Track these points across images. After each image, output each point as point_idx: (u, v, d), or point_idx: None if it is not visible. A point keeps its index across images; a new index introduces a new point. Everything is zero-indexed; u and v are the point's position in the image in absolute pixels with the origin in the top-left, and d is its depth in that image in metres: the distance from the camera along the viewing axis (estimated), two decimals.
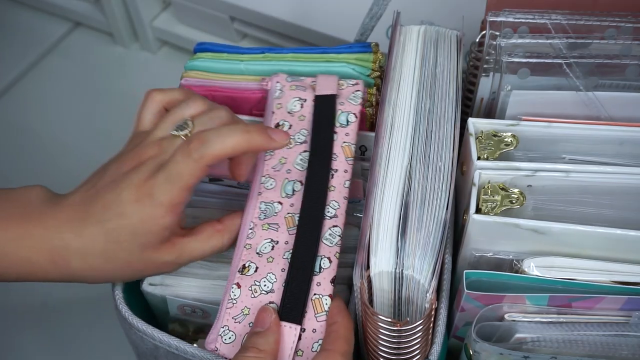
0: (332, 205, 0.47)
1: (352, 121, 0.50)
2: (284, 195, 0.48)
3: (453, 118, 0.48)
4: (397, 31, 0.53)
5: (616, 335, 0.46)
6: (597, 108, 0.50)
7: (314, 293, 0.44)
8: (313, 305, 0.44)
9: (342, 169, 0.48)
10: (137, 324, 0.47)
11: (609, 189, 0.47)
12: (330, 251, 0.45)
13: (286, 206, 0.47)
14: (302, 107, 0.52)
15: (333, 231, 0.46)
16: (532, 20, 0.53)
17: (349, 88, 0.53)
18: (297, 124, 0.51)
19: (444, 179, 0.45)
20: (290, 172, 0.49)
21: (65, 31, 1.05)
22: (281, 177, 0.49)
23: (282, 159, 0.49)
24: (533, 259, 0.46)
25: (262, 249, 0.46)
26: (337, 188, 0.48)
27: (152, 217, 0.43)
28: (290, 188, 0.48)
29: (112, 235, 0.43)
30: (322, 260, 0.45)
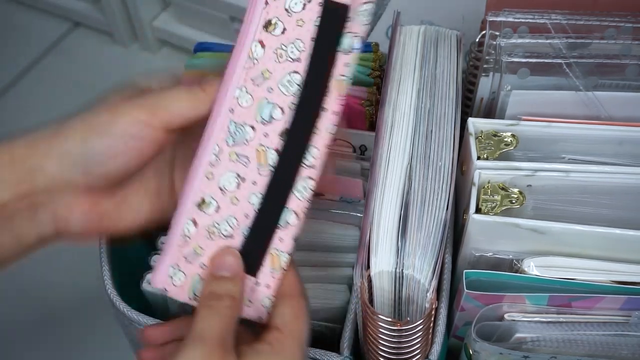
0: (312, 153, 0.41)
1: (355, 48, 0.41)
2: (259, 119, 0.40)
3: (453, 118, 0.48)
4: (397, 31, 0.53)
5: (616, 335, 0.46)
6: (597, 108, 0.50)
7: (274, 248, 0.41)
8: (271, 260, 0.41)
9: (331, 109, 0.41)
10: (137, 317, 0.48)
11: (609, 188, 0.47)
12: (299, 205, 0.41)
13: (259, 134, 0.41)
14: (304, 9, 0.40)
15: (306, 183, 0.41)
16: (532, 20, 0.53)
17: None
18: (293, 29, 0.40)
19: (444, 179, 0.45)
20: (272, 91, 0.40)
21: (65, 31, 1.05)
22: (259, 95, 0.40)
23: (265, 72, 0.40)
24: (533, 259, 0.46)
25: (225, 184, 0.41)
26: (321, 132, 0.41)
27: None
28: (267, 112, 0.40)
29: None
30: (288, 214, 0.41)
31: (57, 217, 0.42)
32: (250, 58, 0.40)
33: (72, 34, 1.05)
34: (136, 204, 0.44)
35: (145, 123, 0.41)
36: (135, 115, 0.40)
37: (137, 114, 0.40)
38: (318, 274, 0.52)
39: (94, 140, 0.41)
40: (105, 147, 0.41)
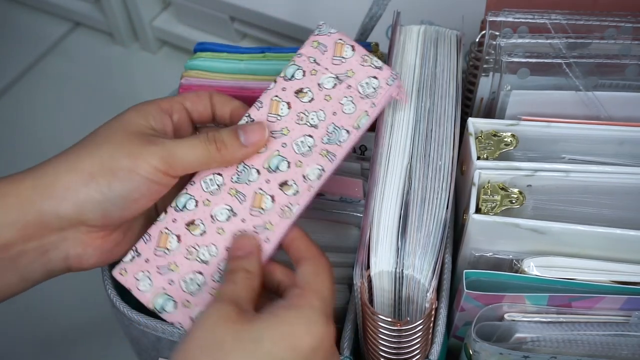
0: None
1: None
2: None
3: (453, 118, 0.48)
4: (397, 31, 0.53)
5: (616, 335, 0.46)
6: (597, 108, 0.50)
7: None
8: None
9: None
10: (137, 317, 0.48)
11: (609, 188, 0.47)
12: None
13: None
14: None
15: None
16: (532, 20, 0.53)
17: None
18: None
19: (444, 179, 0.45)
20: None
21: (65, 31, 1.05)
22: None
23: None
24: (533, 259, 0.46)
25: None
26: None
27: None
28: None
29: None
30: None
31: (70, 255, 0.44)
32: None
33: (72, 34, 1.05)
34: (137, 227, 0.47)
35: (163, 172, 0.43)
36: (155, 165, 0.42)
37: (156, 163, 0.43)
38: None
39: (118, 187, 0.42)
40: (127, 192, 0.42)
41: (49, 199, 0.42)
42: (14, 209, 0.41)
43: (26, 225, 0.41)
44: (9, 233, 0.41)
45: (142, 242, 0.45)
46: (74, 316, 0.75)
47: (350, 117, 0.46)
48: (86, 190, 0.42)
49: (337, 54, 0.47)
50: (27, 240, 0.42)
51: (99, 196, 0.42)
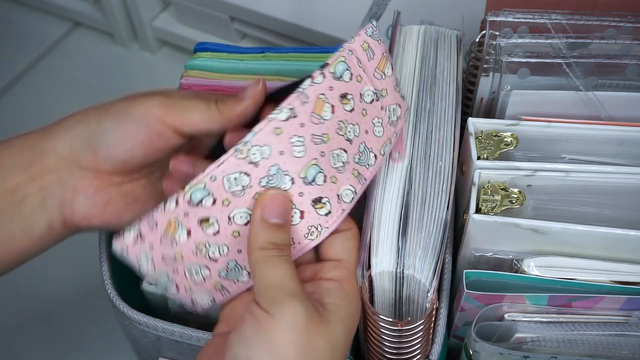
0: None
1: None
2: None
3: (453, 118, 0.48)
4: (397, 31, 0.53)
5: (616, 335, 0.46)
6: (597, 108, 0.50)
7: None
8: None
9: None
10: (138, 317, 0.48)
11: (609, 188, 0.47)
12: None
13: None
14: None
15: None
16: (532, 20, 0.53)
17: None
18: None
19: (444, 179, 0.45)
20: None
21: (65, 31, 1.05)
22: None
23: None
24: (533, 259, 0.46)
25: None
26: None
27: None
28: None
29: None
30: None
31: (63, 201, 0.43)
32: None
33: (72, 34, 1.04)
34: (142, 198, 0.45)
35: (158, 117, 0.42)
36: (151, 108, 0.42)
37: (152, 106, 0.42)
38: None
39: (107, 123, 0.42)
40: (116, 129, 0.42)
41: (49, 137, 0.43)
42: (18, 153, 0.43)
43: (29, 165, 0.43)
44: (15, 175, 0.42)
45: (146, 225, 0.41)
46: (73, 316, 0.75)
47: (378, 141, 0.42)
48: (78, 128, 0.43)
49: (380, 67, 0.43)
50: (30, 182, 0.43)
51: (88, 131, 0.43)
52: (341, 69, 0.41)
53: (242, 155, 0.38)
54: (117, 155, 0.43)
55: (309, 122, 0.39)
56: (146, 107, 0.42)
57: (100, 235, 0.52)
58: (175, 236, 0.40)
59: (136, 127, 0.42)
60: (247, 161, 0.39)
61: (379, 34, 0.43)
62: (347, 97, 0.41)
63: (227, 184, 0.39)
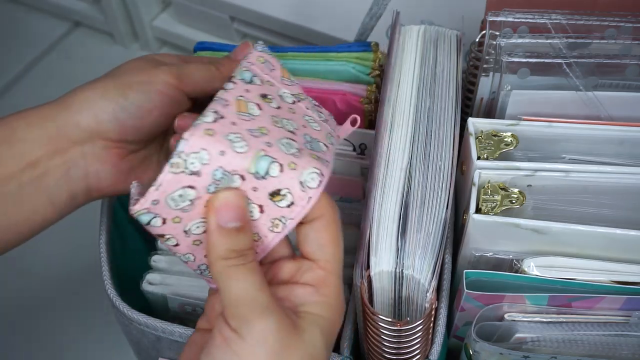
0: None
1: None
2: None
3: (453, 118, 0.48)
4: (396, 31, 0.53)
5: (616, 335, 0.46)
6: (597, 108, 0.50)
7: None
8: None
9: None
10: (137, 317, 0.48)
11: (609, 188, 0.47)
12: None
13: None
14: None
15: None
16: (532, 20, 0.53)
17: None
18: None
19: (444, 179, 0.45)
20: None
21: (65, 31, 1.05)
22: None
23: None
24: (533, 259, 0.46)
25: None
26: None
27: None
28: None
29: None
30: None
31: (89, 172, 0.45)
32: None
33: (72, 34, 1.05)
34: (155, 161, 0.48)
35: (175, 86, 0.45)
36: (167, 79, 0.44)
37: (168, 78, 0.45)
38: None
39: (134, 96, 0.44)
40: (143, 101, 0.44)
41: (68, 111, 0.43)
42: (36, 126, 0.43)
43: (50, 140, 0.43)
44: (34, 150, 0.43)
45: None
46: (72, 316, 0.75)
47: (320, 134, 0.40)
48: (103, 102, 0.44)
49: (285, 75, 0.42)
50: (52, 156, 0.43)
51: (115, 105, 0.44)
52: (248, 76, 0.40)
53: (180, 168, 0.35)
54: (145, 125, 0.45)
55: (238, 120, 0.37)
56: (163, 79, 0.44)
57: (100, 235, 0.52)
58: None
59: (160, 98, 0.44)
60: (187, 173, 0.35)
61: (266, 47, 0.44)
62: (268, 97, 0.40)
63: (173, 203, 0.36)
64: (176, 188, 0.35)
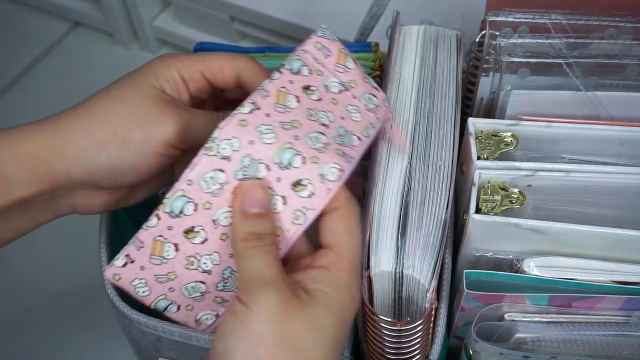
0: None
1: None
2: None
3: (453, 118, 0.48)
4: (396, 31, 0.53)
5: (616, 335, 0.46)
6: (597, 108, 0.50)
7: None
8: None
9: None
10: (137, 317, 0.47)
11: (609, 188, 0.47)
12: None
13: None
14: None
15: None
16: (532, 20, 0.53)
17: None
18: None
19: (444, 179, 0.45)
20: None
21: (65, 31, 1.05)
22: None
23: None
24: (533, 259, 0.46)
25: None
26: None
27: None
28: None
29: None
30: None
31: (76, 204, 0.45)
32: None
33: (72, 34, 1.04)
34: (146, 184, 0.47)
35: (173, 145, 0.43)
36: (167, 139, 0.42)
37: (169, 137, 0.42)
38: None
39: (128, 159, 0.42)
40: (138, 164, 0.43)
41: (61, 161, 0.42)
42: (27, 168, 0.42)
43: (39, 183, 0.42)
44: (23, 190, 0.42)
45: (133, 248, 0.40)
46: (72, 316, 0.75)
47: (358, 125, 0.42)
48: (97, 159, 0.42)
49: (340, 62, 0.44)
50: (40, 195, 0.43)
51: (109, 165, 0.42)
52: (297, 65, 0.42)
53: (212, 152, 0.39)
54: (138, 179, 0.44)
55: (274, 111, 0.40)
56: (163, 139, 0.42)
57: (100, 235, 0.52)
58: (163, 253, 0.40)
59: (156, 159, 0.43)
60: (218, 157, 0.39)
61: (330, 34, 0.44)
62: (311, 88, 0.42)
63: (205, 185, 0.39)
64: (208, 169, 0.39)
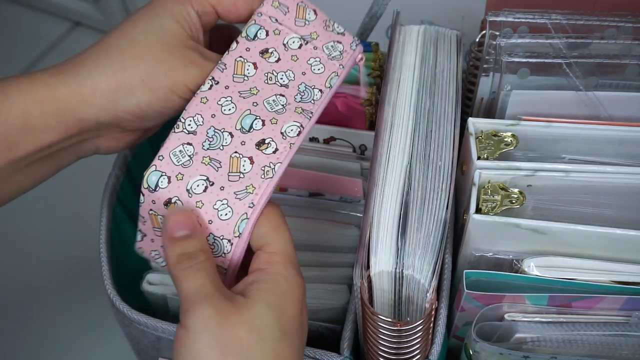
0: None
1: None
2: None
3: (453, 118, 0.48)
4: (396, 31, 0.53)
5: (616, 335, 0.46)
6: (597, 108, 0.50)
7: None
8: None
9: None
10: (137, 317, 0.48)
11: (609, 188, 0.47)
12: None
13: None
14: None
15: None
16: (532, 20, 0.53)
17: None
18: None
19: (444, 179, 0.45)
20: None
21: (65, 31, 1.05)
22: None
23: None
24: (533, 259, 0.46)
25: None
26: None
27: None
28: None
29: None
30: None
31: (100, 146, 0.47)
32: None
33: (72, 34, 1.05)
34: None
35: (195, 91, 0.44)
36: (190, 86, 0.44)
37: (191, 84, 0.44)
38: (318, 274, 0.52)
39: (156, 105, 0.44)
40: (165, 109, 0.44)
41: (89, 107, 0.43)
42: (54, 116, 0.42)
43: (67, 129, 0.43)
44: (51, 136, 0.43)
45: (140, 223, 0.43)
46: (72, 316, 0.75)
47: (321, 77, 0.45)
48: (127, 105, 0.43)
49: (299, 16, 0.46)
50: (67, 139, 0.44)
51: (138, 111, 0.44)
52: (254, 30, 0.45)
53: (179, 129, 0.42)
54: (161, 121, 0.46)
55: (232, 83, 0.44)
56: (186, 86, 0.44)
57: (100, 235, 0.52)
58: (161, 224, 0.42)
59: (179, 104, 0.44)
60: (185, 133, 0.42)
61: None
62: (269, 51, 0.45)
63: (175, 159, 0.42)
64: (177, 144, 0.42)
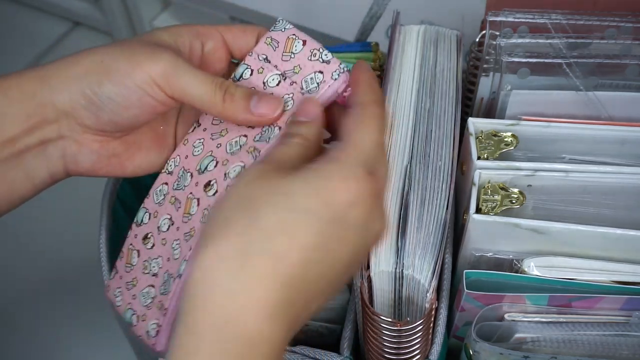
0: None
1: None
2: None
3: (453, 117, 0.48)
4: (396, 31, 0.53)
5: (616, 335, 0.46)
6: (597, 108, 0.50)
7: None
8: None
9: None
10: None
11: (609, 188, 0.47)
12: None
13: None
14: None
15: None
16: (532, 20, 0.53)
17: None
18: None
19: (444, 179, 0.45)
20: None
21: (65, 31, 1.05)
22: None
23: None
24: (533, 259, 0.46)
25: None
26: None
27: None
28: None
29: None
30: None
31: (66, 153, 0.43)
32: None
33: (72, 34, 1.05)
34: (146, 145, 0.45)
35: (160, 87, 0.41)
36: (153, 76, 0.40)
37: (154, 75, 0.40)
38: None
39: (108, 87, 0.41)
40: (119, 96, 0.41)
41: (47, 88, 0.41)
42: (17, 102, 0.41)
43: (28, 117, 0.42)
44: (14, 126, 0.41)
45: (118, 259, 0.46)
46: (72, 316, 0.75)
47: (285, 114, 0.43)
48: (79, 84, 0.41)
49: (287, 50, 0.44)
50: (30, 133, 0.42)
51: (89, 92, 0.41)
52: (241, 71, 0.45)
53: (164, 169, 0.45)
54: (120, 121, 0.42)
55: (210, 125, 0.44)
56: (148, 75, 0.40)
57: (100, 235, 0.52)
58: (132, 260, 0.45)
59: (138, 97, 0.41)
60: (166, 173, 0.45)
61: (283, 24, 0.45)
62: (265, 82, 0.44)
63: (155, 197, 0.45)
64: (159, 184, 0.45)
